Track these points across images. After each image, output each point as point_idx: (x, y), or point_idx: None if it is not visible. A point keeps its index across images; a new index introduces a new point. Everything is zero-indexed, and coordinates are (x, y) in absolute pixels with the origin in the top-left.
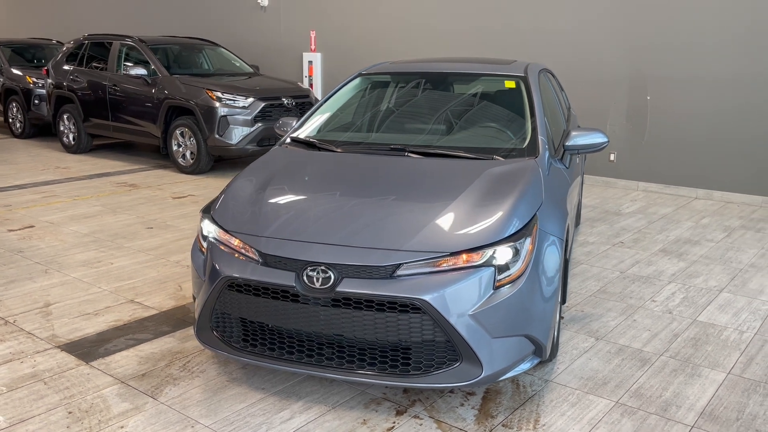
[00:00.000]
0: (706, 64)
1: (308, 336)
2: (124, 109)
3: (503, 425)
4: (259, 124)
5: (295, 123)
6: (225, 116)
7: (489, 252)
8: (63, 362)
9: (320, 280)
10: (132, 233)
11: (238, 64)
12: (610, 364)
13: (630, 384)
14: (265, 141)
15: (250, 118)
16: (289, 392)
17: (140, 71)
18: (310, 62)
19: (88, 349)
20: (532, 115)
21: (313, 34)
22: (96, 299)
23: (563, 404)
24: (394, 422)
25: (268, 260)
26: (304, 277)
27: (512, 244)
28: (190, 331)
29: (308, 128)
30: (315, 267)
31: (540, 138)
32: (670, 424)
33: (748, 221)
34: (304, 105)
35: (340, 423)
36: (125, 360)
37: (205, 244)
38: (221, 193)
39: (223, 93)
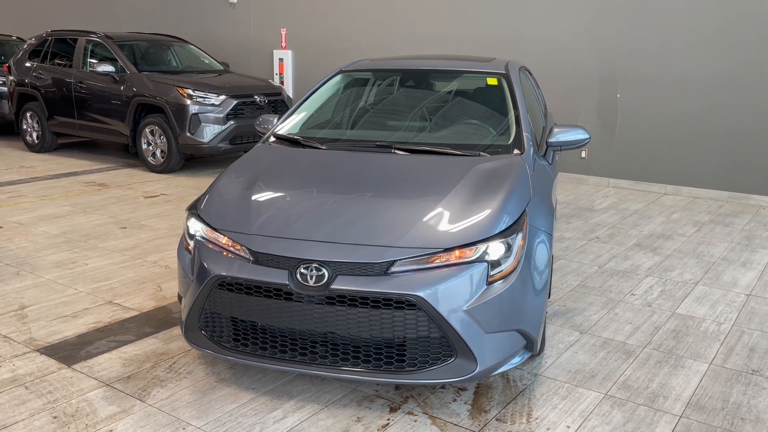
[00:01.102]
0: (674, 64)
1: (301, 334)
2: (90, 107)
3: (497, 419)
4: (232, 122)
5: (276, 120)
6: (196, 114)
7: (482, 248)
8: (43, 366)
9: (314, 277)
10: (105, 233)
11: (207, 61)
12: (596, 357)
13: (617, 376)
14: (238, 139)
15: (222, 116)
16: (280, 391)
17: (108, 68)
18: (281, 59)
19: (68, 352)
20: (516, 111)
21: (283, 31)
22: (73, 301)
23: (554, 397)
24: (388, 419)
25: (260, 258)
26: (298, 275)
27: (504, 239)
28: (174, 331)
29: (291, 125)
30: (308, 264)
31: (525, 134)
32: (659, 414)
33: (716, 216)
34: (276, 103)
35: (335, 421)
36: (108, 362)
37: (191, 243)
38: (207, 192)
39: (194, 90)
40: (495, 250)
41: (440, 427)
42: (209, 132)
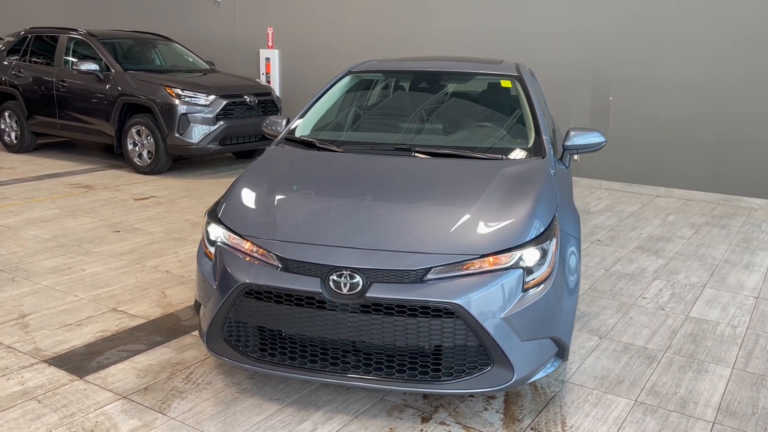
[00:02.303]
0: (666, 68)
1: (332, 343)
2: (72, 107)
3: (532, 428)
4: (221, 123)
5: (285, 122)
6: (185, 114)
7: (517, 254)
8: (54, 378)
9: (348, 285)
10: (98, 237)
11: (192, 60)
12: (619, 363)
13: (643, 382)
14: (228, 140)
15: (212, 116)
16: (305, 402)
17: (92, 66)
18: (268, 59)
19: (78, 363)
20: (533, 114)
21: (270, 31)
22: (75, 308)
23: (585, 405)
24: (421, 430)
25: (289, 265)
26: (330, 283)
27: (540, 245)
28: (186, 340)
29: (303, 127)
30: (341, 272)
31: (544, 138)
32: (692, 421)
33: (711, 218)
34: (266, 103)
35: None
36: (122, 373)
37: (212, 250)
38: (225, 196)
39: (183, 90)
40: (530, 256)
41: None
42: (198, 132)
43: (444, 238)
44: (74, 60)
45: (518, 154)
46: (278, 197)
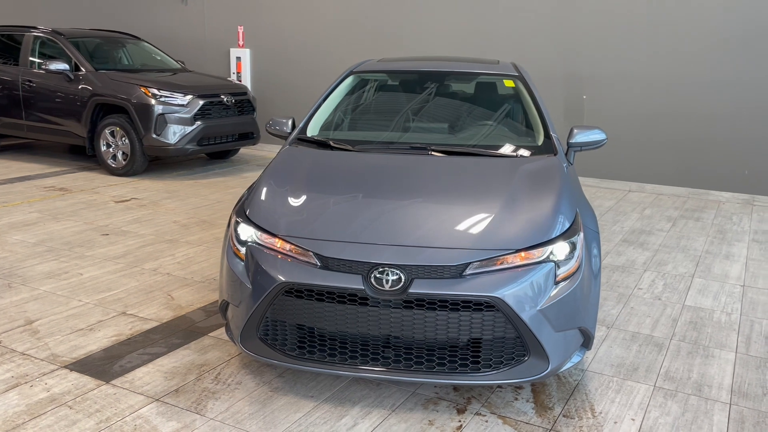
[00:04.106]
0: (637, 69)
1: (373, 339)
2: (40, 107)
3: (564, 416)
4: (199, 123)
5: (290, 122)
6: (162, 114)
7: (549, 248)
8: (79, 383)
9: (390, 282)
10: (87, 241)
11: (161, 59)
12: (630, 351)
13: (657, 368)
14: (206, 140)
15: (189, 116)
16: (340, 398)
17: (62, 66)
18: (239, 58)
19: (100, 368)
20: (539, 113)
21: (241, 30)
22: (82, 313)
23: (608, 391)
24: (459, 421)
25: (330, 264)
26: (372, 280)
27: (570, 239)
28: (205, 341)
29: (314, 128)
30: (383, 269)
31: (553, 135)
32: (710, 403)
33: (685, 211)
34: (242, 102)
35: (408, 426)
36: (148, 376)
37: (242, 250)
38: (250, 197)
39: (159, 90)
40: (560, 250)
41: (513, 427)
42: (176, 133)
43: (480, 235)
44: (41, 60)
45: (531, 152)
46: (309, 196)
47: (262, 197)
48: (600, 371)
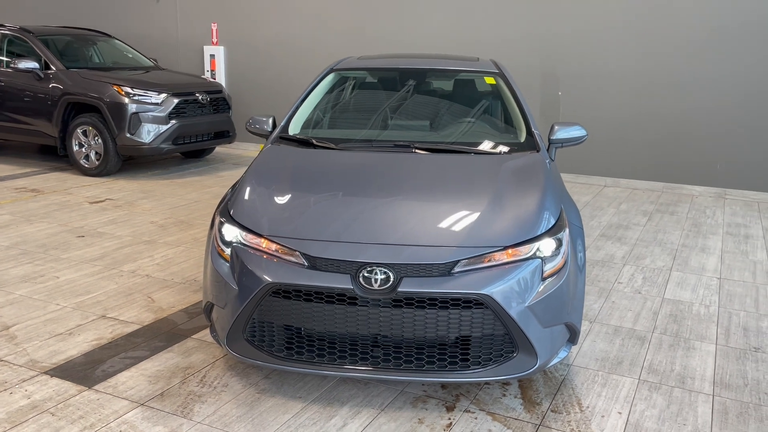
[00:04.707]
0: (611, 65)
1: (362, 338)
2: (10, 107)
3: (552, 411)
4: (174, 122)
5: (270, 121)
6: (137, 113)
7: (536, 245)
8: (61, 389)
9: (378, 281)
10: (62, 243)
11: (133, 57)
12: (614, 345)
13: (641, 362)
14: (181, 139)
15: (164, 115)
16: (328, 398)
17: (31, 64)
18: (212, 56)
19: (82, 373)
20: (521, 110)
21: (214, 27)
22: (60, 317)
23: (594, 386)
24: (449, 418)
25: (317, 263)
26: (361, 279)
27: (556, 236)
28: (189, 344)
29: (296, 126)
30: (372, 268)
31: (535, 132)
32: (694, 395)
33: (659, 205)
34: (218, 101)
35: (398, 425)
36: (132, 381)
37: (227, 251)
38: (234, 197)
39: (133, 88)
40: (547, 246)
41: (503, 423)
42: (150, 132)
43: (467, 232)
44: (8, 59)
45: (514, 148)
46: (294, 195)
47: (247, 197)
48: (585, 366)
